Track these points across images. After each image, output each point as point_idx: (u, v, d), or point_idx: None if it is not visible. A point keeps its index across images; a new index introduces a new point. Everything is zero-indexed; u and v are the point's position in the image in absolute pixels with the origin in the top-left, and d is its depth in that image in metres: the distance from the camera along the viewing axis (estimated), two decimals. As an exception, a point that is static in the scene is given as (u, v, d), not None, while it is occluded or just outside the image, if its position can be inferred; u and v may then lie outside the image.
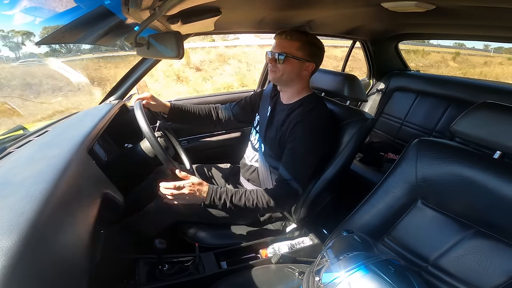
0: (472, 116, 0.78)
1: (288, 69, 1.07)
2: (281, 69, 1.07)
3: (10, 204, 0.49)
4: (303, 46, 1.06)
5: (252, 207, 0.99)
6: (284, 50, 1.06)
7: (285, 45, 1.06)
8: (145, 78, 1.45)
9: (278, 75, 1.09)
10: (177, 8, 0.74)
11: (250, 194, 1.00)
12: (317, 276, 0.67)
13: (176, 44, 0.78)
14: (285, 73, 1.08)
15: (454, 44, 18.89)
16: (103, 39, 0.98)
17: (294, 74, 1.09)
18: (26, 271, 0.41)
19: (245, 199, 0.99)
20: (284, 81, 1.11)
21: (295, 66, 1.07)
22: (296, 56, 1.06)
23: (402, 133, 1.96)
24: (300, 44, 1.05)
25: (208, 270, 0.96)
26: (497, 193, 0.69)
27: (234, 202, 0.97)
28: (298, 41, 1.06)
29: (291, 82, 1.11)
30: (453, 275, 0.73)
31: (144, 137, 1.00)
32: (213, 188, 0.98)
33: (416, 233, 0.83)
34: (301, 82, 1.12)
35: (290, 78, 1.09)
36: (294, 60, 1.06)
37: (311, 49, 1.08)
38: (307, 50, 1.06)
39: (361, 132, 1.08)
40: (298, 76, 1.10)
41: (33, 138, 0.98)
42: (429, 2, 0.95)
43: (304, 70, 1.09)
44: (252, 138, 1.29)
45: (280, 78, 1.10)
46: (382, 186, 0.91)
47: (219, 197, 0.97)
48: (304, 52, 1.06)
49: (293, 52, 1.05)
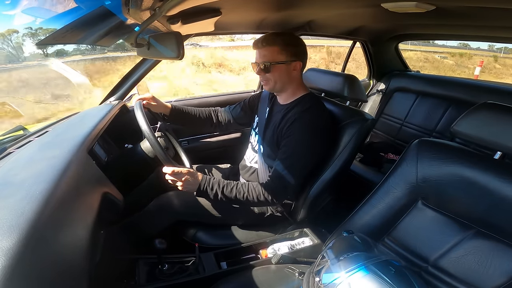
0: (472, 117, 0.78)
1: (277, 75, 1.07)
2: (271, 77, 1.08)
3: (10, 205, 0.49)
4: (283, 48, 1.05)
5: (243, 199, 1.02)
6: (266, 59, 1.05)
7: (265, 53, 1.06)
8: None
9: (271, 85, 1.10)
10: (177, 9, 0.74)
11: (241, 186, 1.03)
12: (317, 277, 0.67)
13: (176, 45, 0.78)
14: (276, 80, 1.08)
15: (458, 44, 18.97)
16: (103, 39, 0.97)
17: (285, 78, 1.09)
18: (26, 271, 0.41)
19: (236, 191, 1.02)
20: (279, 88, 1.11)
21: (282, 70, 1.07)
22: (280, 61, 1.05)
23: (402, 134, 1.96)
24: (279, 48, 1.05)
25: (208, 270, 0.96)
26: (498, 194, 0.69)
27: (225, 193, 1.01)
28: (276, 46, 1.05)
29: (285, 86, 1.12)
30: (453, 276, 0.73)
31: (144, 138, 1.00)
32: (206, 178, 1.02)
33: (416, 234, 0.83)
34: (294, 83, 1.12)
35: (283, 83, 1.10)
36: (279, 65, 1.06)
37: (291, 49, 1.07)
38: (288, 51, 1.06)
39: (361, 132, 1.08)
40: (289, 78, 1.10)
41: (33, 139, 0.98)
42: (429, 3, 0.95)
43: (292, 70, 1.09)
44: (252, 139, 1.30)
45: (275, 87, 1.10)
46: (382, 186, 0.91)
47: (211, 187, 1.01)
48: (285, 54, 1.05)
49: (275, 58, 1.05)
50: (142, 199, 1.21)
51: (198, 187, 1.01)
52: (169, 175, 0.98)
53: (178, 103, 1.67)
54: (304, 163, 1.05)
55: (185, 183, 0.99)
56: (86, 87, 4.36)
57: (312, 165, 1.08)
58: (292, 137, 1.03)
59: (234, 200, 1.02)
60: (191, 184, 1.00)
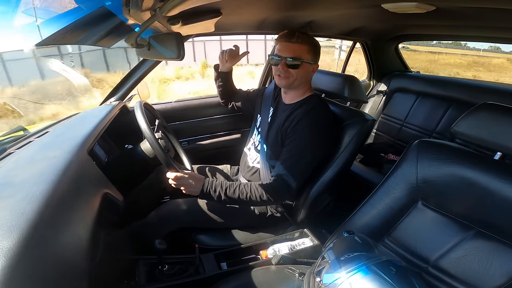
0: (472, 117, 0.78)
1: (301, 74, 1.06)
2: (295, 74, 1.06)
3: (10, 205, 0.49)
4: (311, 48, 1.05)
5: (246, 199, 1.01)
6: (297, 55, 1.03)
7: (296, 49, 1.04)
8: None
9: (290, 81, 1.07)
10: (177, 9, 0.74)
11: (244, 187, 1.02)
12: (318, 277, 0.67)
13: (176, 45, 0.78)
14: (298, 77, 1.07)
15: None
16: (104, 40, 0.98)
17: (305, 77, 1.09)
18: (27, 271, 0.41)
19: (239, 192, 1.01)
20: (296, 85, 1.10)
21: (306, 69, 1.07)
22: (308, 60, 1.05)
23: (403, 134, 1.96)
24: (309, 47, 1.05)
25: (208, 271, 0.96)
26: (498, 194, 0.69)
27: (228, 194, 1.00)
28: (307, 44, 1.04)
29: (301, 85, 1.11)
30: (453, 276, 0.73)
31: (144, 138, 1.00)
32: (209, 181, 1.02)
33: (416, 234, 0.82)
34: (307, 84, 1.13)
35: (301, 82, 1.09)
36: (307, 64, 1.05)
37: (316, 50, 1.08)
38: (314, 53, 1.07)
39: (361, 133, 1.08)
40: (307, 79, 1.11)
41: (33, 139, 0.98)
42: (429, 3, 0.95)
43: (311, 72, 1.10)
44: (254, 139, 1.29)
45: (293, 84, 1.09)
46: (383, 187, 0.91)
47: (214, 189, 1.00)
48: (312, 55, 1.06)
49: (305, 56, 1.04)
50: (142, 199, 1.21)
51: (201, 190, 1.00)
52: (172, 180, 0.99)
53: (178, 104, 1.68)
54: (307, 163, 1.05)
55: (188, 186, 0.99)
56: (86, 87, 4.35)
57: (313, 166, 1.08)
58: (296, 137, 1.03)
59: (237, 201, 1.02)
60: (193, 187, 1.00)
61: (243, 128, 1.83)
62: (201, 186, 1.00)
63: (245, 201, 1.02)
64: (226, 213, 1.15)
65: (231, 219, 1.16)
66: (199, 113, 1.74)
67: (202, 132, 1.77)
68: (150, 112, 1.23)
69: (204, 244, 1.09)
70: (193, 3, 0.71)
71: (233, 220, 1.17)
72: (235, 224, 1.19)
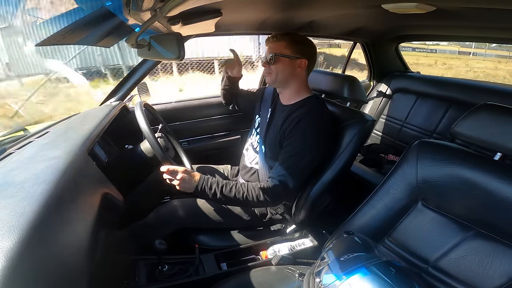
0: (472, 118, 0.78)
1: (280, 68, 1.10)
2: (274, 69, 1.10)
3: (10, 205, 0.49)
4: (289, 44, 1.08)
5: (242, 199, 1.00)
6: (272, 51, 1.10)
7: (273, 46, 1.11)
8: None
9: (273, 77, 1.12)
10: (178, 10, 0.74)
11: (240, 186, 1.01)
12: (318, 278, 0.67)
13: (177, 46, 0.79)
14: (278, 72, 1.10)
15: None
16: (104, 40, 0.98)
17: (287, 72, 1.10)
18: (26, 272, 0.41)
19: (235, 190, 1.00)
20: (280, 81, 1.12)
21: (286, 64, 1.09)
22: (285, 54, 1.08)
23: (403, 135, 1.95)
24: (286, 43, 1.08)
25: (208, 271, 0.96)
26: (498, 195, 0.69)
27: (224, 193, 0.99)
28: (283, 41, 1.09)
29: (287, 81, 1.13)
30: (453, 277, 0.73)
31: (144, 138, 1.00)
32: (204, 177, 1.01)
33: (416, 235, 0.82)
34: (297, 81, 1.13)
35: (284, 77, 1.11)
36: (284, 59, 1.08)
37: (299, 46, 1.10)
38: (294, 48, 1.09)
39: (361, 133, 1.08)
40: (292, 75, 1.11)
41: (33, 139, 0.98)
42: (429, 4, 0.95)
43: (297, 67, 1.10)
44: (253, 140, 1.29)
45: (275, 79, 1.12)
46: (383, 187, 0.91)
47: (210, 187, 0.99)
48: (292, 49, 1.08)
49: (281, 51, 1.08)
50: (143, 200, 1.21)
51: (196, 187, 0.99)
52: (166, 173, 0.98)
53: (179, 104, 1.68)
54: (306, 164, 1.05)
55: (181, 181, 0.98)
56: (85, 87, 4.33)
57: (313, 167, 1.08)
58: (294, 138, 1.04)
59: (233, 200, 1.00)
60: (187, 183, 0.99)
61: (243, 129, 1.83)
62: (196, 183, 0.99)
63: (241, 200, 1.01)
64: (226, 214, 1.15)
65: (231, 220, 1.16)
66: (199, 113, 1.74)
67: (202, 132, 1.78)
68: (151, 113, 1.23)
69: (204, 244, 1.09)
70: (193, 3, 0.71)
71: (233, 221, 1.17)
72: (235, 225, 1.18)
